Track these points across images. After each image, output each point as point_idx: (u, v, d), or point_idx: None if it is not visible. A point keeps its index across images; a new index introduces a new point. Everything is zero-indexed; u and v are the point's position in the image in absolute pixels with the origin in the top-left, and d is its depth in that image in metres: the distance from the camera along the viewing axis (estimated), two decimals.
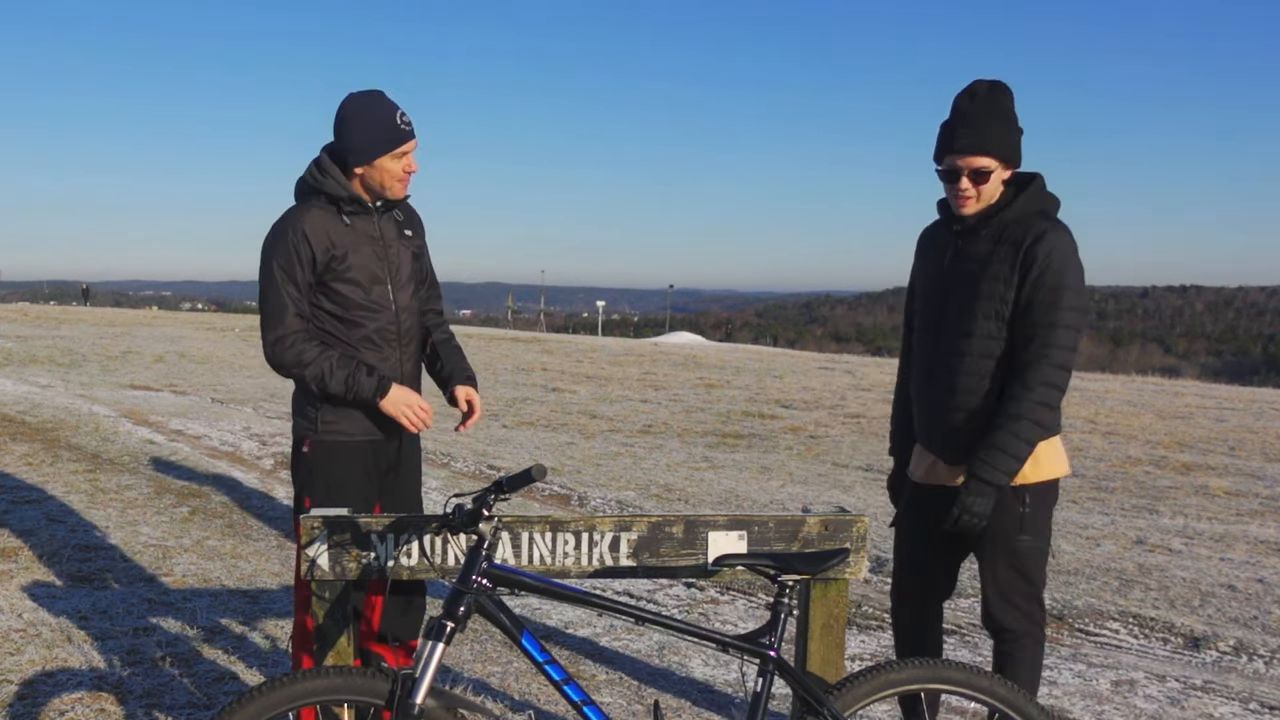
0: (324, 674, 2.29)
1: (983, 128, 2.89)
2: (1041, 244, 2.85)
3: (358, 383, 3.04)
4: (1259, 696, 4.16)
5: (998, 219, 2.94)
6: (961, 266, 2.99)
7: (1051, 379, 2.86)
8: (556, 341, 25.60)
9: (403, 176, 3.10)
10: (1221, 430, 11.86)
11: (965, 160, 2.90)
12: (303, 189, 3.13)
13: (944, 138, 2.96)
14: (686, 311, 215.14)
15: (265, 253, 3.07)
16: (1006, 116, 2.92)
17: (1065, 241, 2.88)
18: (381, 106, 3.05)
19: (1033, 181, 2.97)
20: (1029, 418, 2.85)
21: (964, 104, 2.93)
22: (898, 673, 2.52)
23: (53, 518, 6.27)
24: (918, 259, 3.23)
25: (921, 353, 3.14)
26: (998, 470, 2.86)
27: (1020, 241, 2.88)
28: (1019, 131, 2.95)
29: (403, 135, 3.05)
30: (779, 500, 7.60)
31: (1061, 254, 2.85)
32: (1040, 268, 2.84)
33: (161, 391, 12.68)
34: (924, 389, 3.12)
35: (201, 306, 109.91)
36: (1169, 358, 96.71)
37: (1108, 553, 6.31)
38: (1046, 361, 2.85)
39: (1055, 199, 2.99)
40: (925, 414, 3.12)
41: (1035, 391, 2.85)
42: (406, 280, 3.22)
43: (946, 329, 3.02)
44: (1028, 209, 2.93)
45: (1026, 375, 2.86)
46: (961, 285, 2.98)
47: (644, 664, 4.28)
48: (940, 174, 2.99)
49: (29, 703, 3.67)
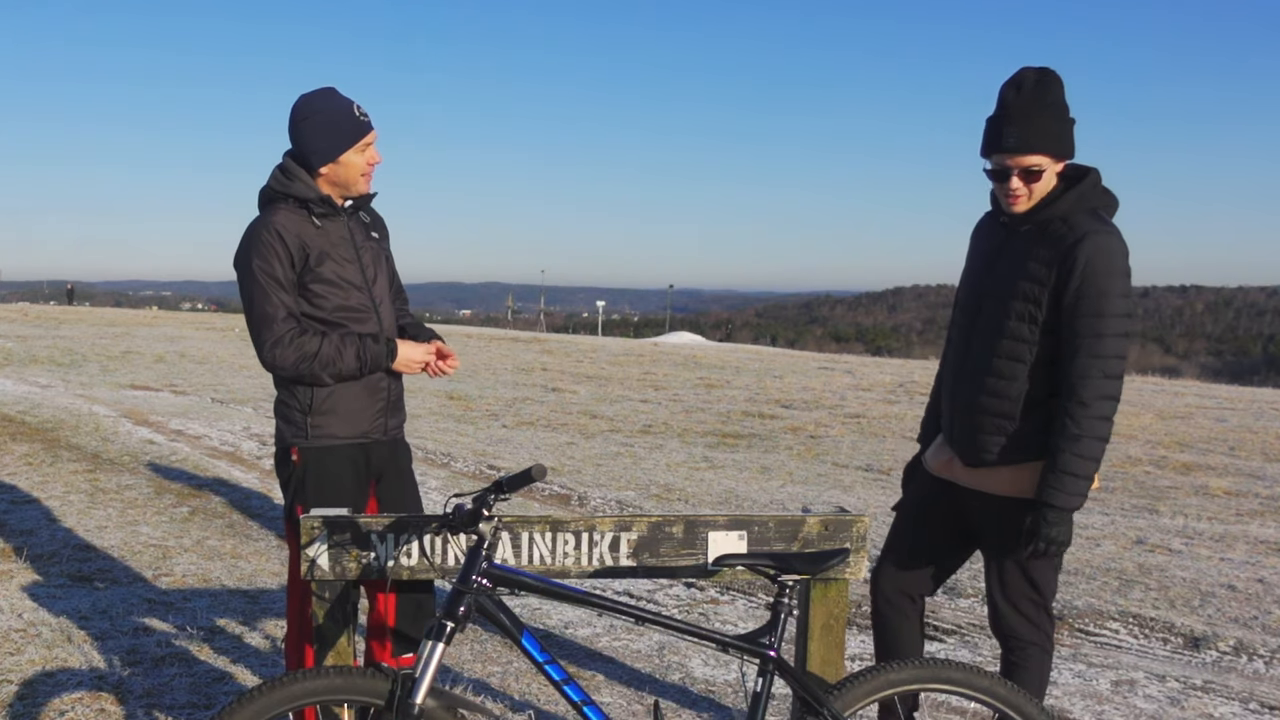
0: (324, 674, 2.29)
1: (1031, 124, 2.73)
2: (1083, 246, 2.70)
3: (369, 351, 3.02)
4: (1259, 696, 4.16)
5: (1043, 214, 2.80)
6: (1001, 263, 2.88)
7: (1106, 391, 2.74)
8: (556, 341, 25.59)
9: (366, 170, 3.08)
10: (1221, 430, 11.87)
11: (1015, 160, 2.75)
12: (268, 196, 3.08)
13: (991, 134, 2.81)
14: (686, 311, 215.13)
15: (242, 260, 3.01)
16: (1056, 108, 2.76)
17: (1110, 244, 2.72)
18: (337, 102, 3.03)
19: (1086, 177, 2.81)
20: (1090, 435, 2.74)
21: (1010, 97, 2.77)
22: (898, 673, 2.52)
23: (53, 518, 6.27)
24: (969, 252, 3.10)
25: (956, 349, 3.05)
26: (1073, 496, 2.76)
27: (1061, 241, 2.74)
28: (1070, 122, 2.80)
29: (363, 127, 3.04)
30: (779, 500, 7.60)
31: (1106, 257, 2.70)
32: (1081, 274, 2.69)
33: (161, 391, 12.68)
34: (953, 386, 3.04)
35: (201, 306, 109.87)
36: (1169, 358, 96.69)
37: (1108, 553, 6.31)
38: (1099, 374, 2.72)
39: (1110, 196, 2.84)
40: (951, 411, 3.05)
41: (1091, 407, 2.73)
42: (381, 282, 3.19)
43: (980, 327, 2.93)
44: (1077, 206, 2.78)
45: (1081, 391, 2.73)
46: (999, 283, 2.87)
47: (644, 664, 4.28)
48: (989, 173, 2.86)
49: (29, 703, 3.67)
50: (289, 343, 2.96)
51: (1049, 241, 2.77)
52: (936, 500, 3.09)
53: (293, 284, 3.02)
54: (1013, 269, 2.84)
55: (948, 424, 3.08)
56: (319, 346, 2.98)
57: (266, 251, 2.98)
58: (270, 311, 2.97)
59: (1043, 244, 2.79)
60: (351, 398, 3.08)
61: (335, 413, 3.07)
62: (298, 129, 3.03)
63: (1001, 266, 2.89)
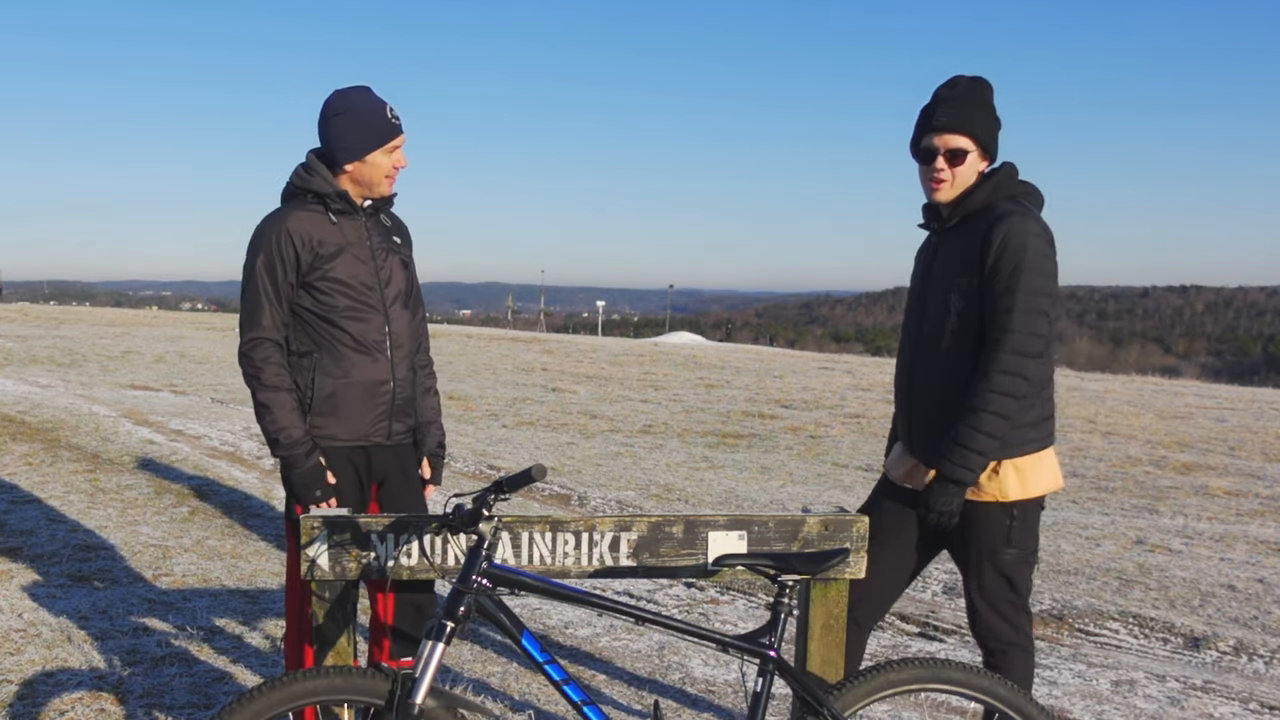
0: (324, 674, 2.28)
1: (961, 108, 2.85)
2: (998, 227, 2.76)
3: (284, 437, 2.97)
4: (1259, 696, 4.16)
5: (964, 207, 2.88)
6: (936, 265, 2.96)
7: (1009, 366, 2.73)
8: (556, 341, 25.60)
9: (391, 172, 3.07)
10: (1221, 430, 11.87)
11: (942, 139, 2.86)
12: (289, 192, 3.09)
13: (922, 120, 2.92)
14: (686, 311, 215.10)
15: (249, 251, 3.04)
16: (986, 106, 2.90)
17: (1026, 224, 2.76)
18: (371, 101, 3.02)
19: (1000, 170, 2.91)
20: (987, 410, 2.74)
21: (944, 91, 2.90)
22: (898, 673, 2.52)
23: (53, 518, 6.27)
24: (912, 271, 3.18)
25: (903, 356, 3.09)
26: (959, 466, 2.78)
27: (981, 226, 2.81)
28: (997, 124, 2.92)
29: (394, 129, 3.03)
30: (779, 500, 7.60)
31: (1020, 236, 2.73)
32: (996, 252, 2.74)
33: (161, 391, 12.68)
34: (904, 392, 3.07)
35: (201, 306, 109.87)
36: (1169, 358, 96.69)
37: (1108, 553, 6.31)
38: (1003, 348, 2.73)
39: (1029, 186, 2.92)
40: (906, 417, 3.07)
41: (991, 380, 2.74)
42: (395, 286, 3.15)
43: (924, 331, 2.97)
44: (995, 195, 2.86)
45: (987, 364, 2.76)
46: (936, 283, 2.94)
47: (644, 664, 4.28)
48: (916, 155, 2.95)
49: (29, 703, 3.67)
50: (264, 352, 3.01)
51: (971, 230, 2.85)
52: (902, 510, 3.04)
53: (291, 286, 3.02)
54: (945, 267, 2.92)
55: (905, 430, 3.08)
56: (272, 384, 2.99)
57: (272, 251, 2.99)
58: (258, 310, 3.02)
59: (967, 234, 2.86)
60: (352, 400, 3.06)
61: (335, 414, 3.06)
62: (328, 124, 3.02)
63: (936, 268, 2.96)
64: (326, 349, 3.05)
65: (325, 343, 3.05)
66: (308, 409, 3.05)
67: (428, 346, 3.40)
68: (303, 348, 3.06)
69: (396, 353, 3.14)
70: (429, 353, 3.42)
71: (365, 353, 3.07)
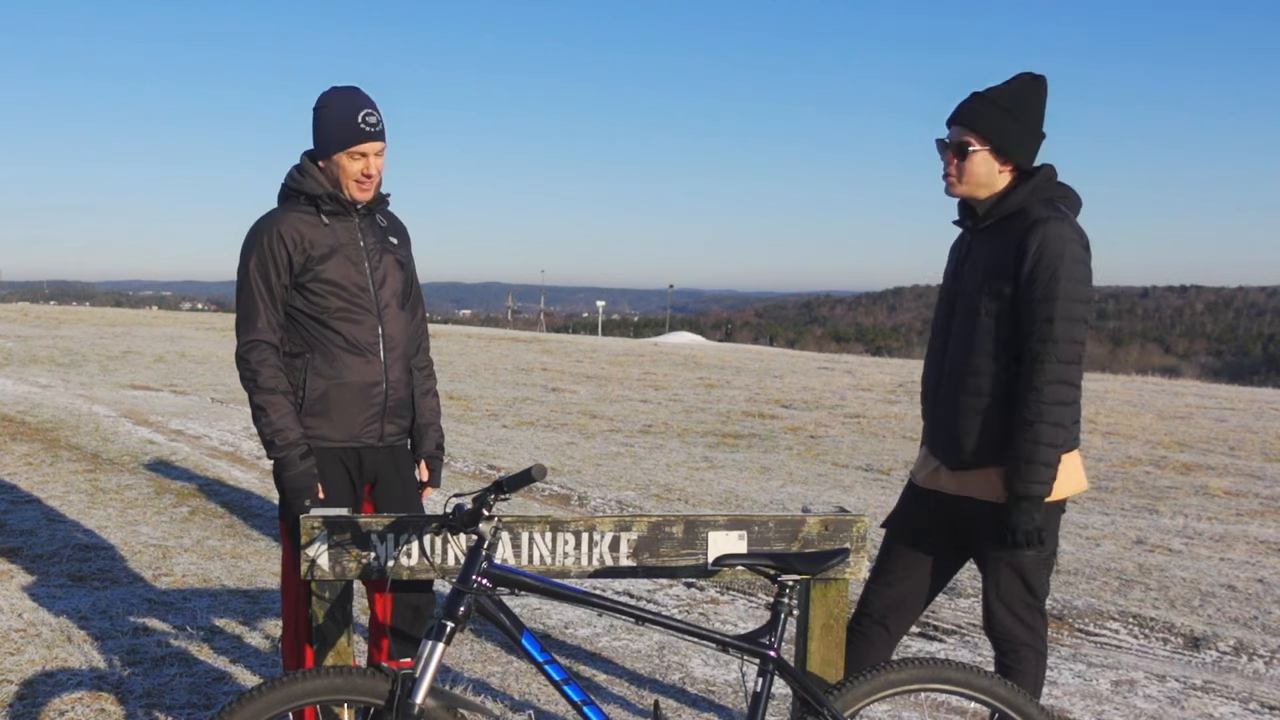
0: (324, 674, 2.28)
1: (974, 105, 2.82)
2: (1035, 232, 2.73)
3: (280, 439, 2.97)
4: (1259, 696, 4.16)
5: (1000, 209, 2.85)
6: (968, 265, 2.93)
7: (1056, 375, 2.73)
8: (556, 341, 25.60)
9: (359, 178, 3.02)
10: (1221, 430, 11.87)
11: (951, 131, 2.87)
12: (284, 193, 3.09)
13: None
14: (686, 311, 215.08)
15: (242, 253, 3.04)
16: (1016, 106, 2.82)
17: (1062, 229, 2.73)
18: (348, 102, 2.99)
19: (1039, 172, 2.86)
20: (1044, 421, 2.73)
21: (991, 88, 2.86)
22: (898, 673, 2.52)
23: (53, 518, 6.27)
24: (945, 269, 3.13)
25: (934, 354, 3.06)
26: (1031, 483, 2.75)
27: (1016, 231, 2.78)
28: (1030, 128, 2.85)
29: (360, 135, 2.97)
30: (779, 500, 7.60)
31: (1057, 242, 2.71)
32: (1033, 259, 2.72)
33: (161, 391, 12.68)
34: (934, 390, 3.05)
35: (201, 306, 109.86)
36: (1169, 358, 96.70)
37: (1108, 553, 6.31)
38: (1048, 358, 2.73)
39: (1066, 189, 2.88)
40: (934, 415, 3.05)
41: (1042, 392, 2.73)
42: (390, 286, 3.14)
43: (953, 332, 2.95)
44: (1031, 198, 2.82)
45: (1033, 376, 2.74)
46: (967, 283, 2.91)
47: (644, 664, 4.28)
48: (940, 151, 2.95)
49: (29, 703, 3.67)
50: (261, 355, 3.00)
51: (1006, 234, 2.82)
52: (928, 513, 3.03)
53: (285, 288, 3.02)
54: (977, 267, 2.89)
55: (930, 431, 3.08)
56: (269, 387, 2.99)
57: (265, 253, 2.99)
58: (253, 312, 3.02)
59: (1001, 237, 2.83)
60: (344, 402, 3.06)
61: (326, 415, 3.05)
62: (313, 118, 3.04)
63: (968, 268, 2.94)
64: (319, 350, 3.04)
65: (318, 343, 3.04)
66: (299, 410, 3.04)
67: (427, 347, 3.39)
68: (296, 348, 3.06)
69: (390, 354, 3.13)
70: (429, 354, 3.41)
71: (358, 354, 3.06)
